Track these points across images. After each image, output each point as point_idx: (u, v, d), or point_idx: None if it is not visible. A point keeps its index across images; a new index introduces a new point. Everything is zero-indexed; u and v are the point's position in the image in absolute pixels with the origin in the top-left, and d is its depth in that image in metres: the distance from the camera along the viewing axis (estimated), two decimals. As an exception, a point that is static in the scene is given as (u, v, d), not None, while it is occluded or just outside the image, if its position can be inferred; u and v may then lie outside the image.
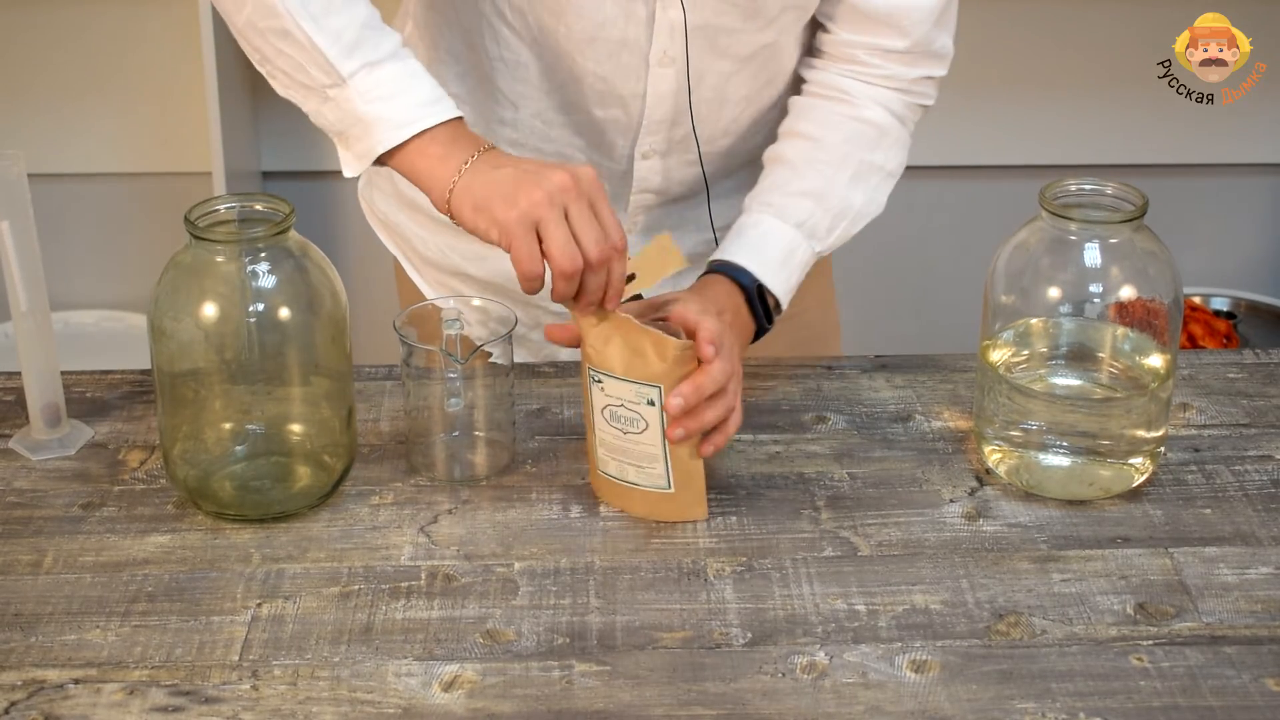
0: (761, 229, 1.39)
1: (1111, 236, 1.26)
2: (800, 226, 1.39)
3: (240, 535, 1.25)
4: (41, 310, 1.33)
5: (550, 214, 1.19)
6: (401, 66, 1.26)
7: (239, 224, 1.24)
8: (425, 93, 1.26)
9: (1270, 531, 1.26)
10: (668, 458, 1.24)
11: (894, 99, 1.44)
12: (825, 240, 1.40)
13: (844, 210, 1.41)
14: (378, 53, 1.26)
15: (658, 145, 1.44)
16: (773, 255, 1.37)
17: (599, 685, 1.10)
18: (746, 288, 1.35)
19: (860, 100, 1.43)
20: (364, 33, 1.25)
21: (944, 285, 2.88)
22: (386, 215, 1.59)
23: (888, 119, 1.43)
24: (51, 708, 1.07)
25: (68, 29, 2.62)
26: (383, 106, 1.25)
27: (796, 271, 1.39)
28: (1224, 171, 2.85)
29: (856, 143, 1.42)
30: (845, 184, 1.41)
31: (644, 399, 1.22)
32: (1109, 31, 2.67)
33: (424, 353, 1.29)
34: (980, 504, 1.29)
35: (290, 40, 1.25)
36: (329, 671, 1.11)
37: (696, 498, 1.26)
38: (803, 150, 1.42)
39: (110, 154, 2.71)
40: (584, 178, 1.21)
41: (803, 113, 1.44)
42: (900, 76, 1.43)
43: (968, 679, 1.10)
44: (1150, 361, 1.29)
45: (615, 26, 1.36)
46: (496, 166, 1.23)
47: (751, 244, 1.38)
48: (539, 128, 1.45)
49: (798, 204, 1.39)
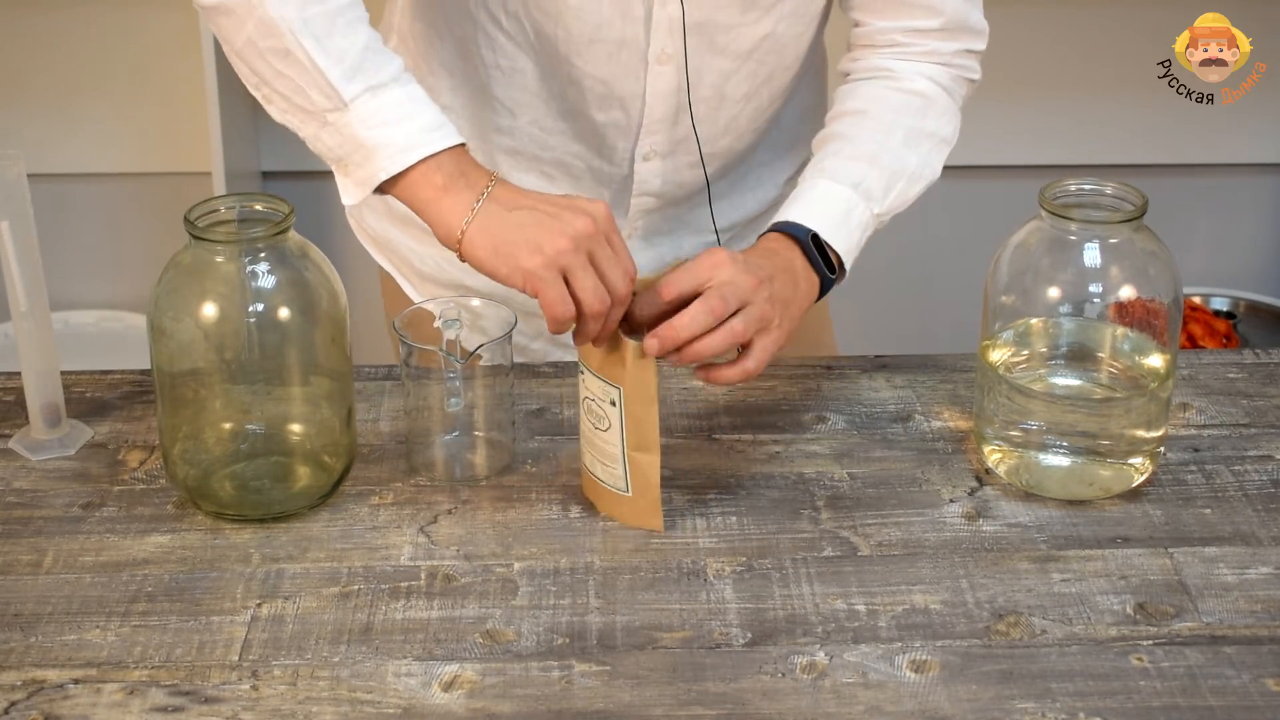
0: (817, 191, 1.37)
1: (1111, 236, 1.26)
2: (856, 187, 1.37)
3: (240, 535, 1.25)
4: (41, 310, 1.33)
5: (577, 260, 1.18)
6: (404, 91, 1.24)
7: (239, 224, 1.23)
8: (429, 118, 1.24)
9: (1270, 531, 1.26)
10: (626, 462, 1.24)
11: (938, 72, 1.44)
12: (883, 201, 1.38)
13: (899, 170, 1.39)
14: (380, 76, 1.23)
15: (659, 146, 1.44)
16: (830, 212, 1.35)
17: (599, 685, 1.10)
18: (801, 240, 1.33)
19: (905, 75, 1.43)
20: (367, 56, 1.23)
21: (944, 285, 2.88)
22: (379, 233, 1.59)
23: (934, 89, 1.43)
24: (51, 708, 1.07)
25: (68, 29, 2.62)
26: (385, 132, 1.22)
27: (856, 231, 1.36)
28: (1224, 171, 2.85)
29: (904, 111, 1.42)
30: (898, 147, 1.40)
31: (608, 398, 1.22)
32: (1109, 31, 2.67)
33: (424, 353, 1.29)
34: (980, 504, 1.29)
35: (291, 61, 1.23)
36: (329, 671, 1.11)
37: (652, 507, 1.25)
38: (852, 122, 1.41)
39: (110, 154, 2.71)
40: (600, 217, 1.21)
41: (849, 95, 1.44)
42: (940, 51, 1.43)
43: (968, 679, 1.10)
44: (1150, 361, 1.29)
45: (613, 27, 1.36)
46: (512, 208, 1.21)
47: (807, 204, 1.36)
48: (537, 135, 1.45)
49: (851, 166, 1.38)
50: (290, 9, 1.21)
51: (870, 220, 1.38)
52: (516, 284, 1.20)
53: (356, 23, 1.24)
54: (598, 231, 1.20)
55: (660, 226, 1.51)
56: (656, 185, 1.47)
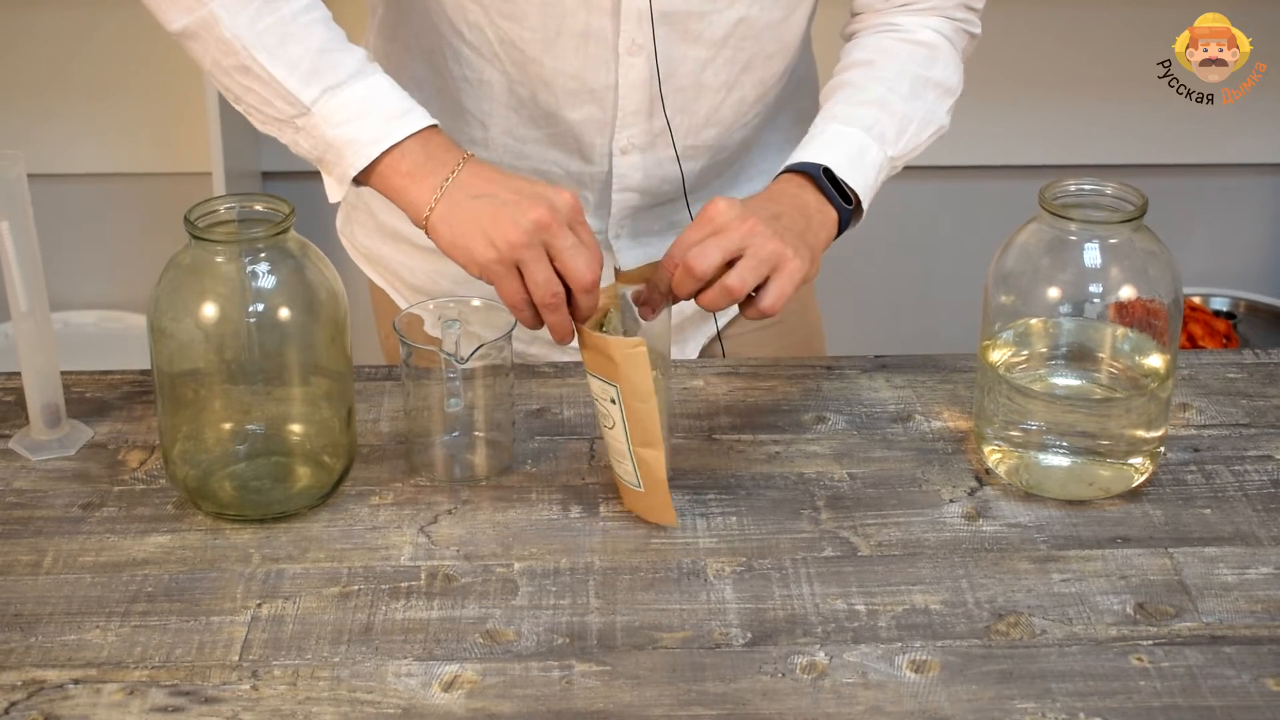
0: (828, 134, 1.36)
1: (1111, 236, 1.26)
2: (869, 130, 1.37)
3: (240, 535, 1.25)
4: (41, 310, 1.33)
5: (530, 253, 1.19)
6: (364, 85, 1.26)
7: (239, 224, 1.24)
8: (391, 107, 1.25)
9: (1270, 531, 1.26)
10: (634, 458, 1.24)
11: (942, 23, 1.45)
12: (896, 144, 1.38)
13: (909, 115, 1.40)
14: (338, 75, 1.25)
15: (636, 139, 1.43)
16: (842, 151, 1.35)
17: (599, 685, 1.10)
18: (814, 175, 1.33)
19: (910, 27, 1.44)
20: (322, 57, 1.25)
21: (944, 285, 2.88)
22: (369, 249, 1.59)
23: (938, 39, 1.44)
24: (51, 708, 1.07)
25: (68, 29, 2.62)
26: (348, 129, 1.25)
27: (871, 171, 1.36)
28: (1224, 171, 2.85)
29: (911, 60, 1.42)
30: (905, 95, 1.40)
31: (607, 397, 1.23)
32: (1109, 31, 2.68)
33: (424, 353, 1.29)
34: (980, 504, 1.29)
35: (251, 75, 1.26)
36: (329, 672, 1.11)
37: (664, 503, 1.25)
38: (859, 72, 1.42)
39: (110, 154, 2.71)
40: (562, 205, 1.21)
41: (854, 47, 1.45)
42: (942, 6, 1.45)
43: (968, 679, 1.10)
44: (1150, 362, 1.29)
45: (577, 18, 1.35)
46: (474, 195, 1.22)
47: (819, 145, 1.35)
48: (511, 145, 1.45)
49: (862, 111, 1.38)
50: (242, 25, 1.25)
51: (885, 162, 1.38)
52: (475, 275, 1.22)
53: (311, 25, 1.26)
54: (555, 221, 1.19)
55: (649, 226, 1.51)
56: (637, 180, 1.46)
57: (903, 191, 1.51)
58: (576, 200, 1.22)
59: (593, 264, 1.20)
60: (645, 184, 1.47)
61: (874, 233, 1.50)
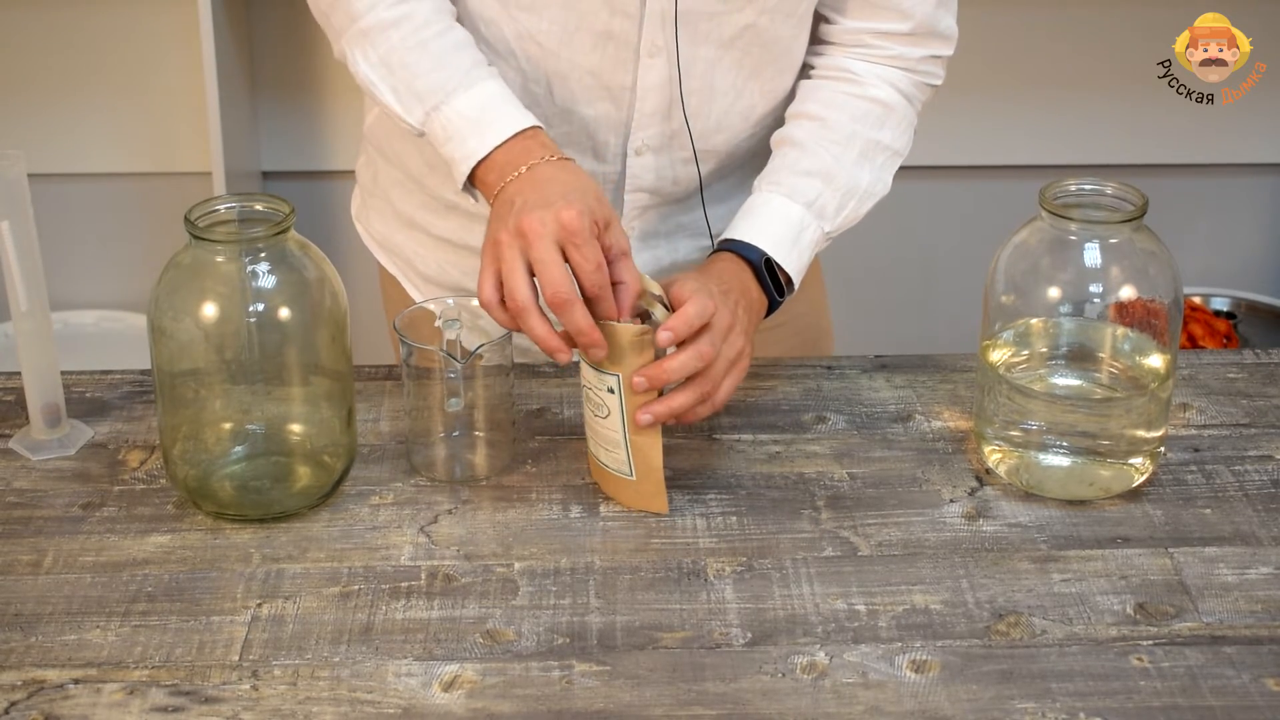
0: (770, 207, 1.38)
1: (1111, 236, 1.26)
2: (809, 206, 1.38)
3: (240, 535, 1.25)
4: (41, 310, 1.33)
5: (507, 254, 1.21)
6: (452, 109, 1.31)
7: (239, 224, 1.24)
8: (488, 123, 1.31)
9: (1270, 531, 1.26)
10: (629, 446, 1.24)
11: (901, 78, 1.44)
12: (834, 220, 1.40)
13: (852, 189, 1.41)
14: (435, 99, 1.32)
15: (651, 140, 1.44)
16: (782, 232, 1.37)
17: (599, 685, 1.10)
18: (754, 263, 1.35)
19: (867, 79, 1.43)
20: (418, 82, 1.32)
21: (944, 285, 2.88)
22: (385, 237, 1.59)
23: (895, 97, 1.44)
24: (51, 708, 1.07)
25: (68, 29, 2.62)
26: (452, 148, 1.31)
27: (807, 251, 1.39)
28: (1224, 171, 2.85)
29: (863, 121, 1.42)
30: (852, 163, 1.41)
31: (605, 386, 1.23)
32: (1109, 31, 2.68)
33: (424, 353, 1.29)
34: (980, 504, 1.29)
35: (379, 100, 1.35)
36: (329, 671, 1.11)
37: (657, 490, 1.26)
38: (810, 130, 1.42)
39: (110, 154, 2.71)
40: (564, 222, 1.20)
41: (809, 94, 1.45)
42: (906, 56, 1.44)
43: (968, 679, 1.10)
44: (1150, 361, 1.29)
45: (598, 18, 1.36)
46: (513, 196, 1.25)
47: (760, 222, 1.37)
48: None
49: (806, 183, 1.39)
50: (363, 66, 1.34)
51: (820, 239, 1.41)
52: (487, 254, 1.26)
53: (418, 49, 1.33)
54: (544, 234, 1.20)
55: (658, 228, 1.51)
56: (650, 180, 1.46)
57: (903, 192, 1.51)
58: (580, 223, 1.21)
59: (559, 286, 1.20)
60: (657, 185, 1.47)
61: (874, 233, 1.49)
